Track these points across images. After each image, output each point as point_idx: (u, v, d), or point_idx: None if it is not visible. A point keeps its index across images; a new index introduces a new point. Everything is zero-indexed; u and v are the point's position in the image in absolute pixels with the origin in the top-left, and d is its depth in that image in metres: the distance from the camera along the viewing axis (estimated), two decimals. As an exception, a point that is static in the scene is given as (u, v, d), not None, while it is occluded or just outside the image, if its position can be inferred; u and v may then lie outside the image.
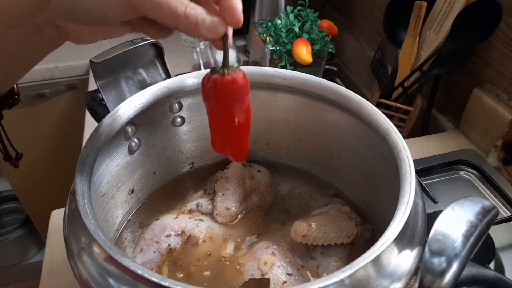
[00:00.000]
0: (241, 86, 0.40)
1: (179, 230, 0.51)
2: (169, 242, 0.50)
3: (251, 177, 0.58)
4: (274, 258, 0.47)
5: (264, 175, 0.59)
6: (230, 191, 0.55)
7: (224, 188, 0.56)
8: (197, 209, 0.55)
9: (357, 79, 1.16)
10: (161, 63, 0.53)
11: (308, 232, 0.48)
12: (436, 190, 0.67)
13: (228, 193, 0.55)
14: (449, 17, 0.75)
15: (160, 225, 0.51)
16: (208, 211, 0.55)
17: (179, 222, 0.51)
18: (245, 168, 0.59)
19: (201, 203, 0.56)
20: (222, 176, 0.58)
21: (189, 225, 0.51)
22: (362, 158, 0.52)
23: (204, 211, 0.55)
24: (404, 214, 0.35)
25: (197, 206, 0.55)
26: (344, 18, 1.18)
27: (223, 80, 0.39)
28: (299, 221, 0.49)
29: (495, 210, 0.34)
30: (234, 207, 0.54)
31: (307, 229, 0.48)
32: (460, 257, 0.31)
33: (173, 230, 0.51)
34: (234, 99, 0.40)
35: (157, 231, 0.50)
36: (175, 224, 0.51)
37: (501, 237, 0.62)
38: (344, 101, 0.50)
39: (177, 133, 0.57)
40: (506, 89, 0.74)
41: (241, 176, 0.57)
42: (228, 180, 0.57)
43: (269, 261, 0.47)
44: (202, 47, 0.98)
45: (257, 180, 0.58)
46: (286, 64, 0.95)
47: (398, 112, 0.85)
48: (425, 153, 0.78)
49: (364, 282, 0.32)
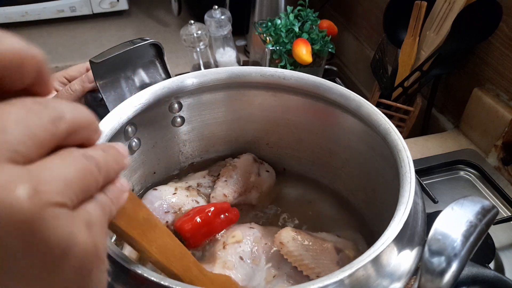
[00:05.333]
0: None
1: (177, 208, 0.51)
2: (167, 219, 0.50)
3: (258, 174, 0.58)
4: (241, 238, 0.47)
5: (270, 176, 0.59)
6: (233, 179, 0.56)
7: (229, 175, 0.56)
8: (196, 187, 0.56)
9: (357, 79, 1.16)
10: (161, 63, 0.54)
11: (287, 243, 0.45)
12: (436, 190, 0.67)
13: (230, 181, 0.56)
14: (449, 17, 0.75)
15: (158, 197, 0.51)
16: (206, 193, 0.56)
17: (177, 199, 0.52)
18: (255, 164, 0.59)
19: (202, 183, 0.56)
20: (231, 163, 0.58)
21: (186, 204, 0.52)
22: (362, 158, 0.52)
23: (202, 192, 0.56)
24: (404, 214, 0.35)
25: (198, 185, 0.56)
26: (344, 18, 1.18)
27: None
28: (291, 228, 0.47)
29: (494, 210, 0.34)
30: (232, 197, 0.55)
31: (287, 240, 0.45)
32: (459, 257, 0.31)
33: (171, 207, 0.51)
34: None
35: (156, 205, 0.51)
36: (173, 200, 0.52)
37: (501, 237, 0.62)
38: (344, 101, 0.50)
39: (177, 133, 0.57)
40: (506, 89, 0.74)
41: (248, 169, 0.58)
42: (235, 169, 0.57)
43: (237, 237, 0.47)
44: (202, 47, 0.98)
45: (263, 179, 0.58)
46: (286, 64, 0.95)
47: (398, 112, 0.85)
48: (425, 153, 0.78)
49: (364, 282, 0.32)
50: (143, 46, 0.50)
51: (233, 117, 0.58)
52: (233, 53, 1.04)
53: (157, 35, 1.21)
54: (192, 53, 0.99)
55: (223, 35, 1.01)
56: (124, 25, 1.25)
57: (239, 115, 0.58)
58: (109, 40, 1.20)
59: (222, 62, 1.03)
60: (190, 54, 1.00)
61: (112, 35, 1.20)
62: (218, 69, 0.54)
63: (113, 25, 1.25)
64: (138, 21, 1.28)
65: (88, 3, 1.20)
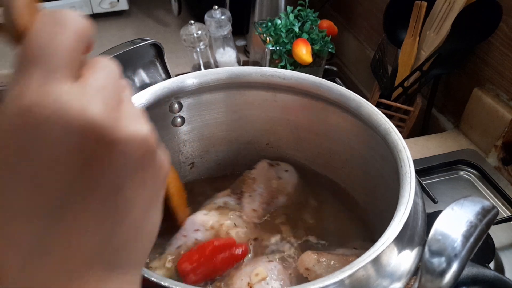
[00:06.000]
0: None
1: (208, 226, 0.51)
2: (196, 236, 0.50)
3: (278, 177, 0.58)
4: (266, 274, 0.46)
5: (291, 175, 0.58)
6: (257, 192, 0.55)
7: (251, 189, 0.56)
8: (224, 206, 0.55)
9: (357, 79, 1.16)
10: (161, 63, 0.54)
11: (313, 267, 0.45)
12: (436, 190, 0.67)
13: (254, 194, 0.55)
14: (449, 17, 0.75)
15: (191, 220, 0.52)
16: (236, 208, 0.55)
17: (209, 218, 0.52)
18: (272, 169, 0.58)
19: (228, 201, 0.56)
20: (249, 177, 0.58)
21: (217, 221, 0.52)
22: (362, 158, 0.52)
23: (231, 207, 0.55)
24: (404, 214, 0.35)
25: (224, 204, 0.55)
26: (344, 18, 1.18)
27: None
28: (312, 252, 0.47)
29: (495, 210, 0.34)
30: (261, 209, 0.54)
31: (313, 264, 0.45)
32: (460, 257, 0.31)
33: (203, 226, 0.51)
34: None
35: (187, 226, 0.51)
36: (204, 219, 0.52)
37: (501, 237, 0.62)
38: (344, 101, 0.50)
39: (177, 133, 0.57)
40: (506, 89, 0.74)
41: (267, 177, 0.57)
42: (255, 181, 0.56)
43: (261, 274, 0.46)
44: (202, 47, 0.98)
45: (285, 180, 0.57)
46: (286, 64, 0.95)
47: (398, 112, 0.85)
48: (425, 153, 0.78)
49: (364, 282, 0.32)
50: (143, 46, 0.50)
51: (233, 117, 0.58)
52: (233, 53, 1.04)
53: (157, 35, 1.21)
54: (192, 53, 0.99)
55: (223, 35, 1.00)
56: (124, 25, 1.25)
57: (239, 115, 0.58)
58: (109, 40, 1.19)
59: (222, 62, 1.03)
60: (190, 54, 0.99)
61: (112, 35, 1.20)
62: (218, 69, 0.54)
63: (113, 25, 1.25)
64: (138, 21, 1.28)
65: (88, 3, 1.20)
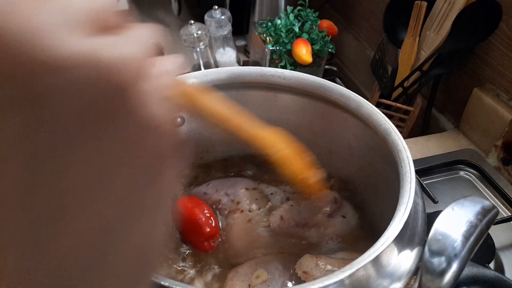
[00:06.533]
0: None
1: (236, 201, 0.52)
2: (221, 199, 0.52)
3: (329, 215, 0.51)
4: (267, 276, 0.45)
5: (343, 224, 0.51)
6: (299, 207, 0.51)
7: (297, 201, 0.52)
8: (271, 195, 0.54)
9: (357, 79, 1.16)
10: (161, 63, 0.53)
11: (311, 270, 0.44)
12: (436, 190, 0.67)
13: (295, 208, 0.51)
14: (449, 17, 0.75)
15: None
16: (271, 204, 0.53)
17: (243, 194, 0.53)
18: (332, 204, 0.51)
19: (275, 192, 0.54)
20: (311, 192, 0.51)
21: (248, 202, 0.52)
22: (362, 158, 0.52)
23: (273, 203, 0.53)
24: (404, 214, 0.35)
25: (272, 193, 0.54)
26: (344, 18, 1.18)
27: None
28: (310, 256, 0.46)
29: (495, 210, 0.34)
30: (287, 223, 0.50)
31: (310, 267, 0.44)
32: (460, 257, 0.31)
33: (236, 196, 0.53)
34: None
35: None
36: (242, 193, 0.53)
37: (501, 237, 0.62)
38: (344, 101, 0.50)
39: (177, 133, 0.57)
40: (506, 89, 0.74)
41: (320, 206, 0.51)
42: (309, 198, 0.51)
43: (262, 276, 0.45)
44: (202, 47, 0.98)
45: (332, 223, 0.50)
46: (286, 64, 0.95)
47: (398, 112, 0.85)
48: (425, 153, 0.78)
49: (364, 282, 0.32)
50: (143, 46, 0.50)
51: (233, 117, 0.58)
52: (233, 53, 1.04)
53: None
54: (192, 53, 0.99)
55: (223, 35, 1.00)
56: (124, 25, 1.25)
57: (239, 115, 0.58)
58: (109, 40, 1.19)
59: (222, 62, 1.03)
60: (190, 54, 0.99)
61: (112, 35, 1.20)
62: (218, 69, 0.54)
63: (113, 25, 1.25)
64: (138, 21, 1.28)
65: (88, 3, 1.20)
